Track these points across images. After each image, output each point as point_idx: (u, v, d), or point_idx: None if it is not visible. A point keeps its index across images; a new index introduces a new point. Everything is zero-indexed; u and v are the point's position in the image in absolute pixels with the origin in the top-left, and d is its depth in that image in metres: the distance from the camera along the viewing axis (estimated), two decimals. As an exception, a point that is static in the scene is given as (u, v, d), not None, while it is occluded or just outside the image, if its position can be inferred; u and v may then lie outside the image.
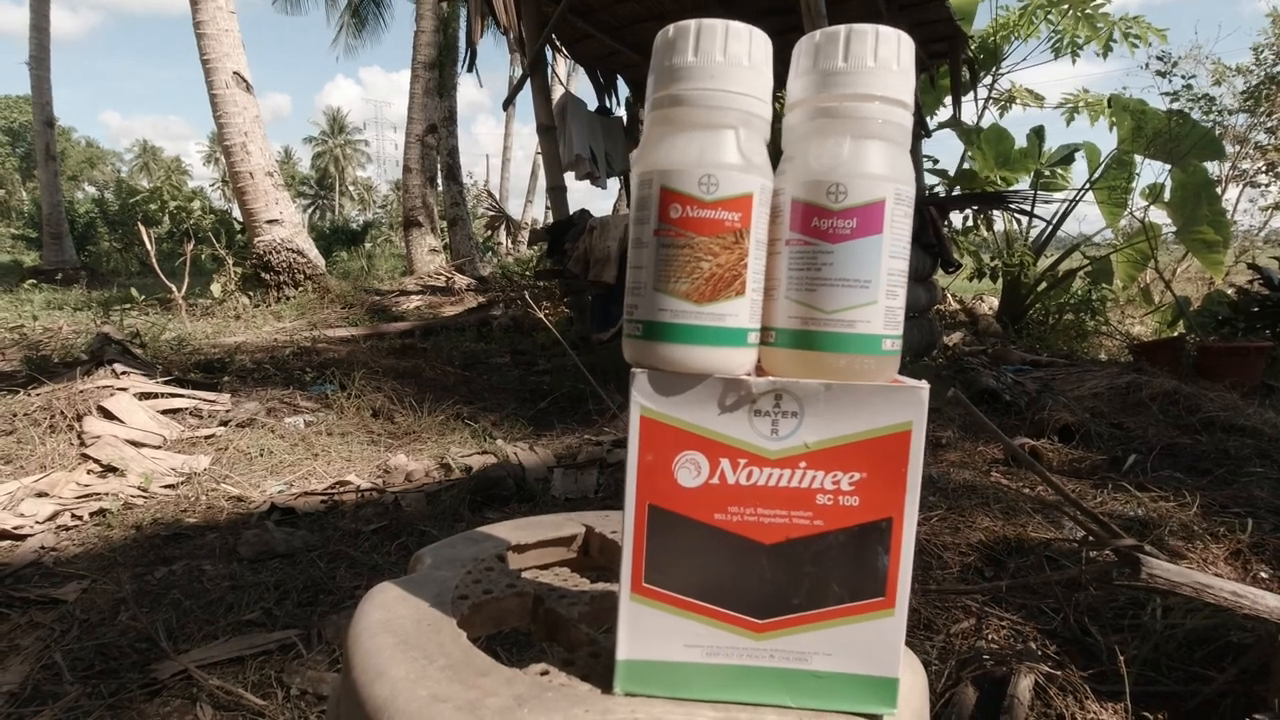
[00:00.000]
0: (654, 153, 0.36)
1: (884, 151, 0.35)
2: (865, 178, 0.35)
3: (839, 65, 0.35)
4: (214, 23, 5.48)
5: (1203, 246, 5.12)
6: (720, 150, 0.35)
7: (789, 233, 0.36)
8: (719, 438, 0.36)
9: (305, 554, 1.67)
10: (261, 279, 5.84)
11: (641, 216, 0.36)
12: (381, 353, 3.92)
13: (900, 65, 0.35)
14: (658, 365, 0.36)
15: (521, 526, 0.65)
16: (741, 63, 0.35)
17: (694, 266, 0.35)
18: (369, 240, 14.88)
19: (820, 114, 0.36)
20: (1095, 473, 2.35)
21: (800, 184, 0.36)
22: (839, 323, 0.35)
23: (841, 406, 0.36)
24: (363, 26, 13.24)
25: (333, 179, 39.58)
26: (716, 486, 0.37)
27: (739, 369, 0.36)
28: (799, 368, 0.36)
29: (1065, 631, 1.39)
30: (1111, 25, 6.13)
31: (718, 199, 0.34)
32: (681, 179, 0.34)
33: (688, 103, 0.35)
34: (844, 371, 0.36)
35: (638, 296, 0.36)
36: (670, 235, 0.35)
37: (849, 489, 0.37)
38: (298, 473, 2.23)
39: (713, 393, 0.36)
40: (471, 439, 2.59)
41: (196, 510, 1.91)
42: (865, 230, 0.35)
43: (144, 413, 2.36)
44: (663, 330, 0.35)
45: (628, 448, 0.37)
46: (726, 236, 0.35)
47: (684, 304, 0.35)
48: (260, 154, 5.75)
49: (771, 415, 0.36)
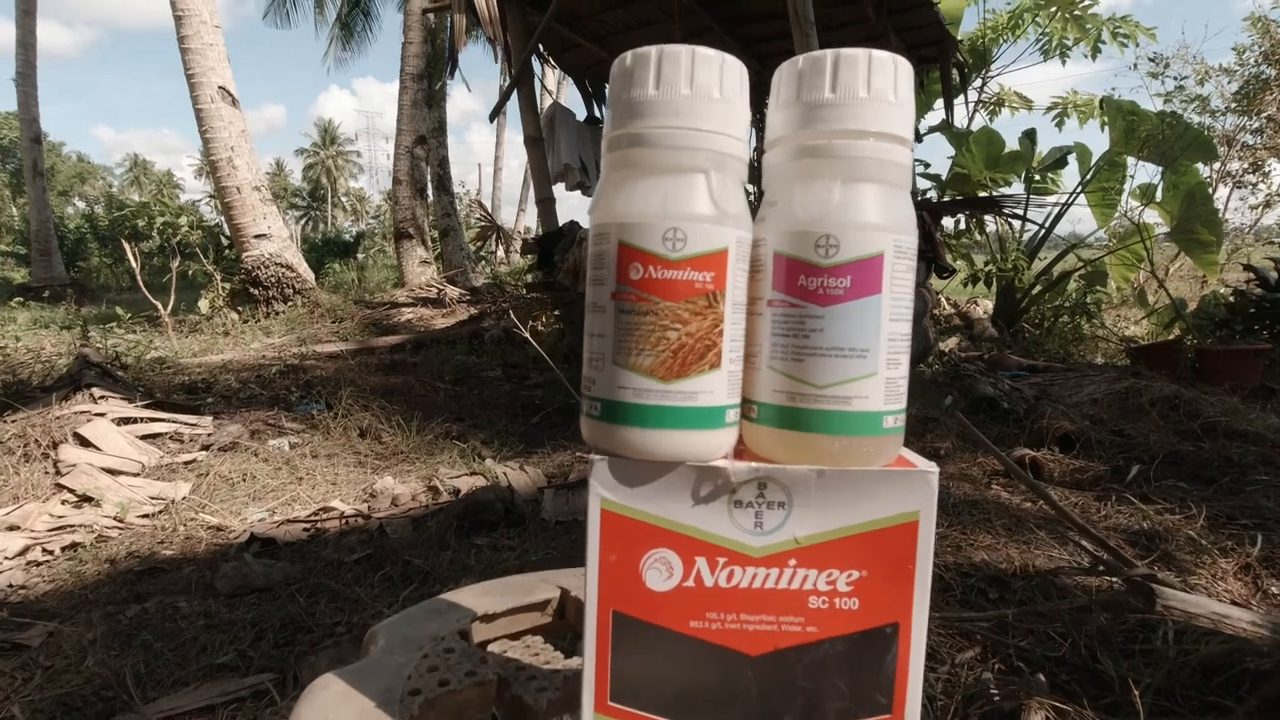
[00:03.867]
0: (611, 202, 0.30)
1: (881, 196, 0.30)
2: (860, 228, 0.29)
3: (826, 96, 0.30)
4: (198, 37, 5.42)
5: (1197, 246, 5.09)
6: (688, 199, 0.29)
7: (772, 292, 0.31)
8: (694, 533, 0.31)
9: (285, 587, 1.61)
10: (250, 294, 5.77)
11: (598, 276, 0.31)
12: (370, 369, 3.86)
13: (898, 96, 0.30)
14: (620, 451, 0.30)
15: (490, 591, 0.59)
16: (711, 94, 0.29)
17: (659, 337, 0.29)
18: (362, 251, 14.82)
19: (806, 153, 0.30)
20: (1098, 484, 2.30)
21: (784, 235, 0.30)
22: (832, 399, 0.30)
23: (836, 495, 0.30)
24: (350, 38, 13.20)
25: (325, 190, 39.50)
26: (692, 590, 0.31)
27: (715, 453, 0.31)
28: (786, 450, 0.31)
29: (1074, 658, 1.34)
30: (1100, 25, 6.13)
31: (686, 256, 0.29)
32: (643, 233, 0.29)
33: (649, 143, 0.30)
34: (839, 455, 0.30)
35: (596, 371, 0.31)
36: (631, 300, 0.29)
37: (847, 590, 0.31)
38: (281, 499, 2.16)
39: (685, 482, 0.31)
40: (460, 459, 2.53)
41: (174, 542, 1.84)
42: (861, 290, 0.29)
43: (122, 439, 2.29)
44: (625, 411, 0.30)
45: (586, 546, 0.31)
46: (697, 300, 0.29)
47: (649, 381, 0.29)
48: (247, 168, 5.69)
49: (755, 506, 0.31)
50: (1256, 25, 8.17)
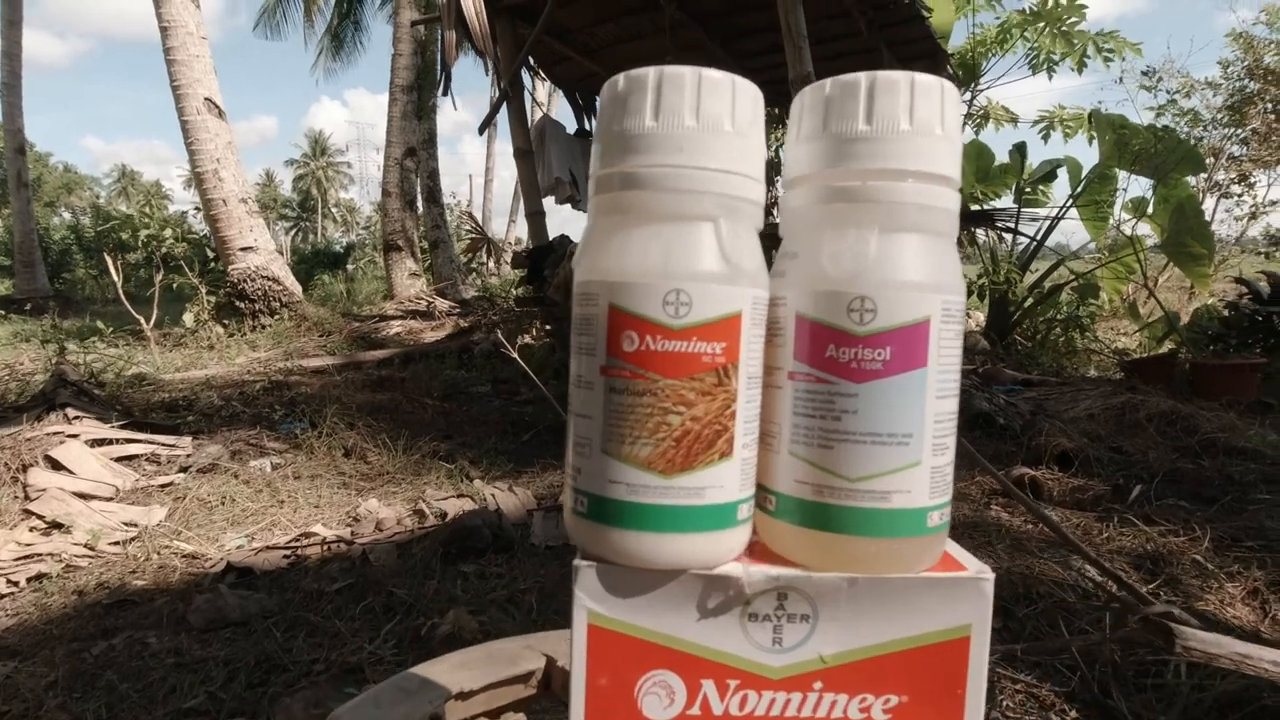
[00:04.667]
0: (600, 255, 0.25)
1: (925, 249, 0.25)
2: (901, 288, 0.24)
3: (860, 129, 0.25)
4: (184, 49, 5.36)
5: (1188, 259, 5.10)
6: (694, 253, 0.24)
7: (794, 363, 0.26)
8: (700, 652, 0.26)
9: (261, 621, 1.54)
10: (236, 307, 5.69)
11: (585, 345, 0.25)
12: (357, 385, 3.78)
13: (945, 128, 0.25)
14: (612, 556, 0.25)
15: (469, 663, 0.53)
16: (722, 126, 0.24)
17: (659, 422, 0.24)
18: (352, 262, 14.73)
19: (836, 196, 0.25)
20: (1099, 504, 2.26)
21: (810, 295, 0.25)
22: (867, 494, 0.25)
23: (872, 607, 0.25)
24: (340, 49, 13.17)
25: (315, 201, 39.35)
26: (698, 719, 0.26)
27: (725, 557, 0.26)
28: (811, 553, 0.26)
29: (1085, 694, 1.29)
30: (1086, 40, 6.17)
31: (692, 324, 0.24)
32: (639, 296, 0.24)
33: (647, 185, 0.24)
34: (875, 560, 0.25)
35: (583, 459, 0.25)
36: (625, 376, 0.24)
37: (884, 718, 0.26)
38: (260, 523, 2.09)
39: (689, 592, 0.25)
40: (448, 480, 2.46)
41: (146, 571, 1.77)
42: (903, 364, 0.24)
43: (96, 461, 2.21)
44: (617, 511, 0.24)
45: (571, 667, 0.26)
46: (705, 378, 0.24)
47: (646, 475, 0.24)
48: (233, 180, 5.62)
49: (773, 620, 0.26)
50: (1239, 40, 8.28)
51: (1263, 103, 8.13)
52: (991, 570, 0.25)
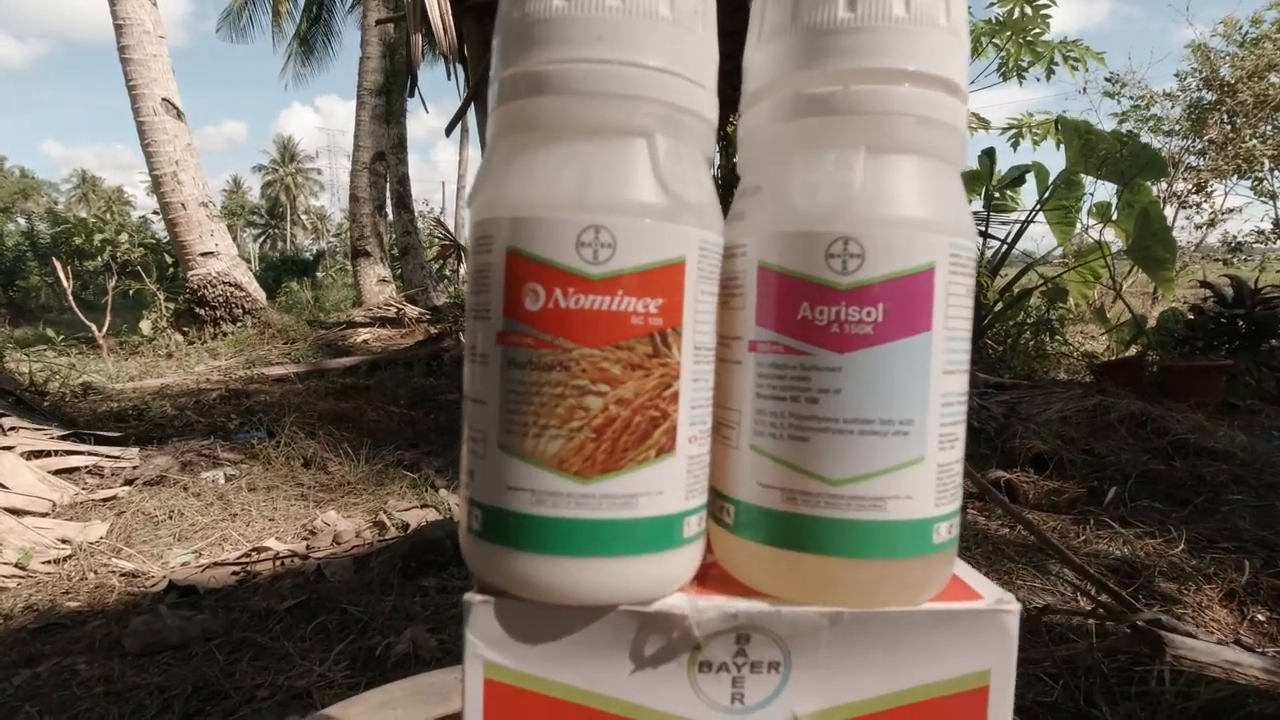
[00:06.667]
0: (500, 185, 0.19)
1: (928, 177, 0.19)
2: (897, 226, 0.18)
3: (841, 16, 0.18)
4: (140, 47, 5.20)
5: (1153, 263, 5.18)
6: (619, 177, 0.18)
7: (757, 329, 0.19)
8: (636, 714, 0.19)
9: (203, 643, 1.44)
10: (196, 314, 5.52)
11: (479, 306, 0.19)
12: (320, 393, 3.67)
13: (950, 18, 0.19)
14: (515, 589, 0.19)
15: (392, 701, 0.46)
16: (657, 10, 0.18)
17: (573, 406, 0.18)
18: (322, 270, 14.47)
19: (809, 108, 0.19)
20: (1074, 506, 2.24)
21: (776, 239, 0.19)
22: (855, 501, 0.18)
23: (861, 651, 0.19)
24: (310, 54, 12.95)
25: (284, 208, 38.68)
26: (635, 803, 0.20)
27: (668, 588, 0.19)
28: (781, 580, 0.19)
29: (1068, 703, 1.25)
30: (1051, 49, 6.27)
31: (616, 272, 0.18)
32: (545, 236, 0.18)
33: (555, 87, 0.18)
34: (866, 590, 0.19)
35: (476, 459, 0.19)
36: (528, 345, 0.18)
37: (879, 795, 0.20)
38: (210, 538, 1.98)
39: (621, 636, 0.19)
40: (411, 490, 2.37)
41: (80, 592, 1.66)
42: (900, 327, 0.18)
43: (32, 474, 2.09)
44: (520, 528, 0.18)
45: (465, 739, 0.19)
46: (636, 346, 0.18)
47: (558, 479, 0.18)
48: (193, 184, 5.45)
49: (731, 670, 0.19)
50: (1197, 52, 8.50)
51: (1219, 113, 8.36)
52: (1015, 600, 0.19)
